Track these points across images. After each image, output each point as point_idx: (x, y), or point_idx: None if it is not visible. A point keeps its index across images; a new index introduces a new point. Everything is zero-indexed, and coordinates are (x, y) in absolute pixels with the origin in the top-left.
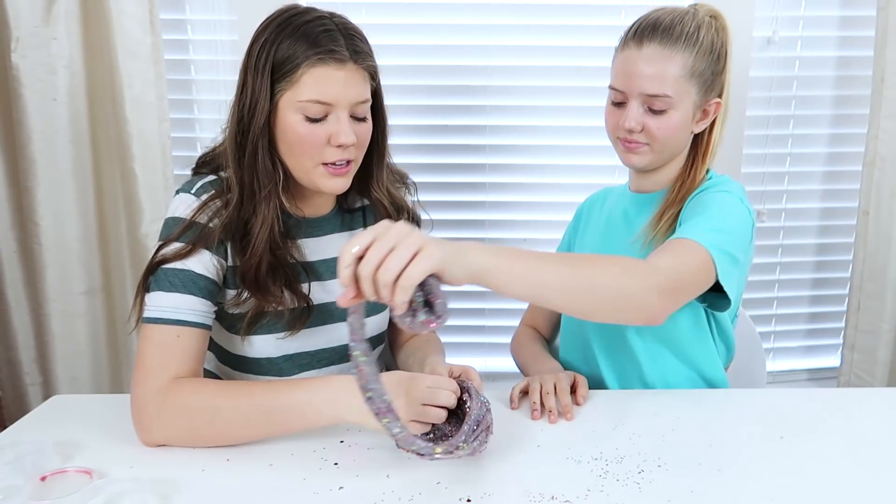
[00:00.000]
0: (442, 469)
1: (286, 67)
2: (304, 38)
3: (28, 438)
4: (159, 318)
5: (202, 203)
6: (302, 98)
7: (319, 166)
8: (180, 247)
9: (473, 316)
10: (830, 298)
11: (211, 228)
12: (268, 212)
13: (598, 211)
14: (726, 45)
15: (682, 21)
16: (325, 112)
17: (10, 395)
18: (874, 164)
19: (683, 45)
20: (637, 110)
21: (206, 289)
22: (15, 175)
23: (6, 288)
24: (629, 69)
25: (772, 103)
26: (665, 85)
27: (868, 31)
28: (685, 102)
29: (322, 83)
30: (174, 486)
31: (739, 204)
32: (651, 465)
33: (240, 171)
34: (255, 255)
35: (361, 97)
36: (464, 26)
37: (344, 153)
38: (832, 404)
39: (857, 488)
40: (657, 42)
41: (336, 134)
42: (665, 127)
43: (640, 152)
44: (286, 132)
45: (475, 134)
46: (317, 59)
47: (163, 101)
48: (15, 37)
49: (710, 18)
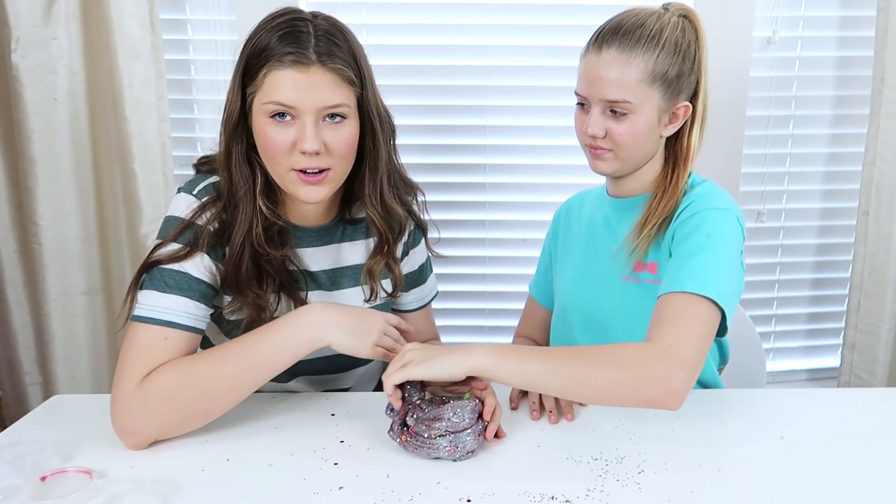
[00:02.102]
0: (442, 469)
1: (253, 69)
2: (272, 38)
3: (28, 438)
4: (149, 318)
5: (201, 205)
6: (264, 100)
7: (291, 172)
8: (177, 248)
9: (473, 316)
10: (830, 298)
11: (207, 230)
12: (244, 214)
13: (577, 216)
14: (696, 44)
15: (644, 24)
16: (292, 114)
17: (10, 395)
18: (874, 164)
19: (643, 49)
20: (599, 116)
21: (201, 292)
22: (15, 175)
23: (6, 288)
24: (590, 75)
25: (772, 103)
26: (625, 90)
27: (868, 31)
28: (648, 107)
29: (282, 86)
30: (174, 486)
31: (735, 225)
32: (651, 465)
33: (224, 173)
34: (232, 255)
35: (330, 101)
36: (464, 26)
37: (313, 160)
38: (832, 404)
39: (856, 488)
40: (616, 47)
41: (299, 140)
42: (627, 133)
43: (605, 159)
44: (258, 135)
45: (475, 134)
46: (277, 60)
47: (163, 101)
48: (15, 37)
49: (679, 18)
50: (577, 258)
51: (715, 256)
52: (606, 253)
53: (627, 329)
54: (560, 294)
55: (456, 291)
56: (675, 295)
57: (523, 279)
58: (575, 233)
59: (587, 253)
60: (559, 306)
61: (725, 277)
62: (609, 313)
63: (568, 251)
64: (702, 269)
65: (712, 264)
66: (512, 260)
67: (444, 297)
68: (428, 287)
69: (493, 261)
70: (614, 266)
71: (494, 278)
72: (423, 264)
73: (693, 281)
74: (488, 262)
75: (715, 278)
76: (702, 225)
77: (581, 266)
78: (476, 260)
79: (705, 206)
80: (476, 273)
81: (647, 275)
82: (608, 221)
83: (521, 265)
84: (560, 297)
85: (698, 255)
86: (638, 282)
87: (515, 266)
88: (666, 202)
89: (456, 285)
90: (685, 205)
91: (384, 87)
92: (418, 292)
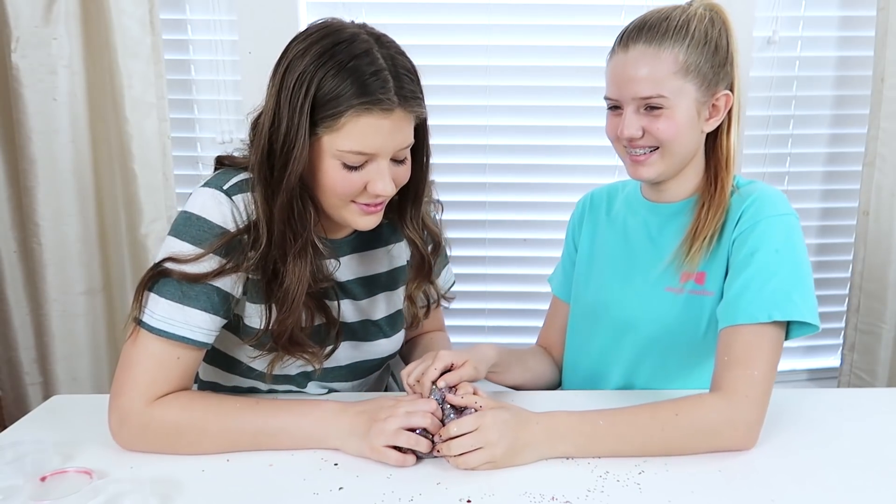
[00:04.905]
0: (442, 469)
1: (328, 110)
2: (351, 79)
3: (28, 438)
4: (163, 331)
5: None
6: (342, 148)
7: (351, 204)
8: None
9: (473, 316)
10: (830, 298)
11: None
12: (303, 266)
13: (605, 215)
14: (726, 36)
15: (670, 17)
16: (366, 160)
17: (10, 395)
18: (874, 164)
19: (672, 41)
20: (633, 116)
21: (220, 304)
22: (15, 175)
23: (6, 288)
24: (618, 75)
25: (772, 103)
26: (658, 85)
27: (868, 31)
28: (685, 100)
29: (366, 134)
30: (174, 486)
31: (798, 229)
32: (651, 465)
33: (268, 209)
34: (293, 313)
35: (405, 143)
36: (464, 26)
37: (379, 198)
38: (832, 404)
39: (857, 488)
40: (643, 42)
41: (373, 182)
42: (667, 128)
43: (649, 163)
44: (321, 175)
45: (475, 134)
46: (363, 108)
47: (163, 101)
48: (15, 37)
49: (705, 10)
50: (612, 263)
51: (787, 274)
52: (648, 262)
53: (666, 339)
54: (589, 296)
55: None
56: (742, 328)
57: (523, 279)
58: (605, 233)
59: (625, 260)
60: (585, 307)
61: (803, 291)
62: (647, 322)
63: (597, 251)
64: (772, 294)
65: (786, 285)
66: (512, 260)
67: None
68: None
69: (493, 261)
70: (658, 276)
71: (494, 278)
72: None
73: (761, 309)
74: (488, 262)
75: (790, 296)
76: (766, 238)
77: (618, 273)
78: (476, 260)
79: (765, 212)
80: (476, 273)
81: (692, 285)
82: (648, 228)
83: (521, 265)
84: (588, 299)
85: (771, 279)
86: (683, 293)
87: (515, 266)
88: (715, 210)
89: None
90: (740, 211)
91: None
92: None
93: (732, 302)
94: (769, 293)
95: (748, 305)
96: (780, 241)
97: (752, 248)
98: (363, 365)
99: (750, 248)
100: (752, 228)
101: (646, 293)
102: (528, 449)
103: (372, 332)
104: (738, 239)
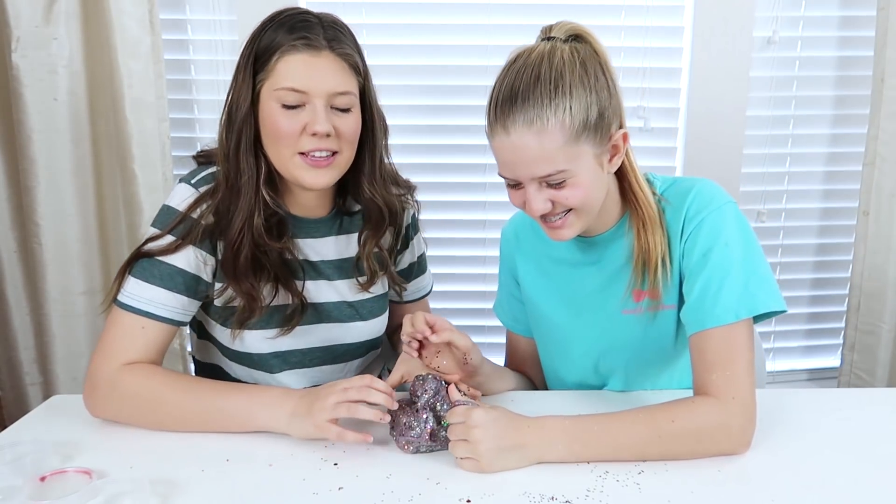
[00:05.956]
0: (442, 469)
1: (264, 56)
2: (282, 27)
3: (28, 438)
4: (130, 307)
5: (197, 198)
6: (277, 86)
7: (297, 156)
8: (168, 243)
9: (473, 315)
10: (830, 298)
11: (201, 224)
12: (246, 202)
13: (533, 243)
14: (601, 68)
15: (540, 78)
16: (302, 101)
17: (10, 395)
18: (874, 164)
19: (552, 108)
20: (536, 193)
21: (186, 284)
22: (15, 175)
23: (6, 288)
24: (507, 159)
25: (772, 103)
26: (552, 162)
27: (868, 31)
28: (584, 162)
29: (296, 70)
30: (174, 486)
31: (740, 213)
32: (651, 465)
33: (226, 164)
34: (230, 243)
35: (340, 87)
36: (464, 26)
37: (321, 143)
38: (832, 404)
39: (856, 488)
40: (521, 122)
41: (311, 122)
42: (575, 195)
43: (566, 225)
44: (266, 122)
45: (475, 134)
46: (290, 45)
47: (163, 101)
48: (15, 37)
49: (570, 49)
50: (562, 298)
51: (742, 266)
52: (595, 288)
53: (638, 355)
54: (551, 332)
55: (456, 291)
56: (713, 332)
57: None
58: (539, 262)
59: (574, 293)
60: (549, 341)
61: (761, 279)
62: (615, 347)
63: (542, 288)
64: (734, 292)
65: (745, 278)
66: None
67: (443, 296)
68: (427, 278)
69: (493, 261)
70: (611, 301)
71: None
72: (423, 252)
73: (727, 310)
74: (488, 262)
75: (751, 290)
76: (713, 233)
77: (572, 307)
78: (476, 260)
79: (706, 208)
80: (476, 273)
81: (648, 301)
82: (588, 257)
83: None
84: (552, 336)
85: (727, 277)
86: (641, 311)
87: None
88: (653, 228)
89: (456, 285)
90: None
91: (384, 86)
92: (418, 282)
93: (697, 306)
94: (731, 292)
95: (714, 307)
96: (728, 232)
97: (703, 248)
98: (340, 348)
99: (701, 248)
100: (698, 228)
101: (604, 317)
102: (517, 452)
103: (347, 314)
104: (687, 243)
